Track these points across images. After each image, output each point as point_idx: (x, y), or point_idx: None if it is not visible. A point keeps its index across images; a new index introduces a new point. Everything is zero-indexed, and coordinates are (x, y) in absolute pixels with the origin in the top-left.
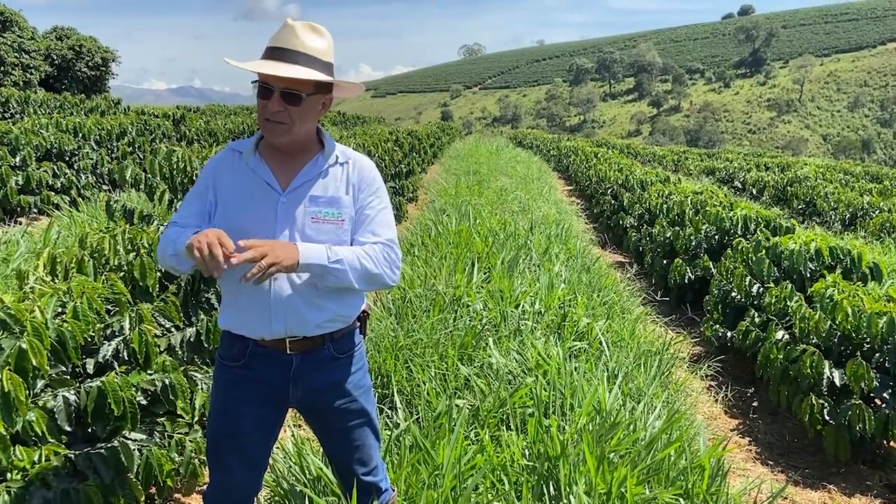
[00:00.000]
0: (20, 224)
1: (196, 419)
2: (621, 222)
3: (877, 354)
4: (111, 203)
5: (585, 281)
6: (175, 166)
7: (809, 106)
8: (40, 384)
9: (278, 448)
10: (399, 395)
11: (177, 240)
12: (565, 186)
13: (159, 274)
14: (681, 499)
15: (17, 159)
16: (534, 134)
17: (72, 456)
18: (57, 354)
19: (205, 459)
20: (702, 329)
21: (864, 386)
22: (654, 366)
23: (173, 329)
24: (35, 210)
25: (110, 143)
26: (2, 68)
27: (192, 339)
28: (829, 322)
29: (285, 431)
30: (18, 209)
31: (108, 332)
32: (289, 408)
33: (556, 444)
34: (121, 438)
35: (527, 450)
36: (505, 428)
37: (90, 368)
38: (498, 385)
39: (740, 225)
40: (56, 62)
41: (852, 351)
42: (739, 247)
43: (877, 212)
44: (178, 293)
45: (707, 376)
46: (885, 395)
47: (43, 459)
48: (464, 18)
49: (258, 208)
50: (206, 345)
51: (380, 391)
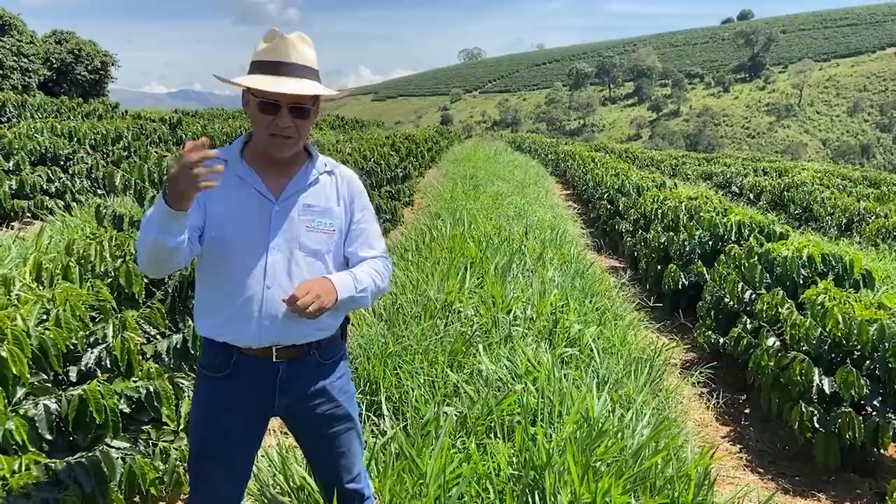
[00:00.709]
0: (13, 229)
1: (181, 427)
2: (617, 227)
3: (867, 362)
4: (101, 209)
5: (579, 286)
6: (165, 171)
7: (809, 110)
8: (21, 392)
9: (263, 456)
10: (387, 403)
11: (149, 223)
12: (563, 191)
13: (146, 280)
14: None
15: (11, 164)
16: (532, 138)
17: (52, 465)
18: (38, 362)
19: None
20: (695, 335)
21: (855, 394)
22: (645, 372)
23: (159, 336)
24: (29, 215)
25: (106, 148)
26: (0, 72)
27: (179, 346)
28: (820, 329)
29: (273, 439)
30: (12, 214)
31: (92, 340)
32: (272, 416)
33: (542, 453)
34: (102, 447)
35: (514, 458)
36: (493, 436)
37: (73, 376)
38: (487, 392)
39: (734, 231)
40: (55, 66)
41: (843, 358)
42: (732, 253)
43: (873, 217)
44: (165, 300)
45: (699, 383)
46: (875, 403)
47: (23, 469)
48: (464, 22)
49: (252, 217)
50: (193, 351)
51: (368, 398)
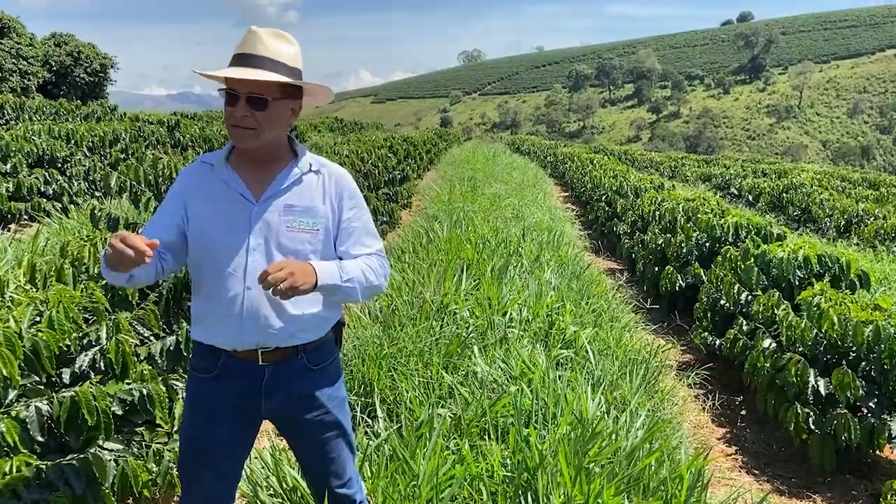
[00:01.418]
0: (10, 231)
1: (175, 428)
2: (615, 229)
3: (863, 363)
4: (96, 211)
5: (575, 288)
6: (161, 174)
7: (809, 112)
8: (12, 394)
9: (256, 458)
10: (382, 405)
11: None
12: (561, 193)
13: None
14: None
15: (8, 166)
16: (532, 140)
17: (43, 467)
18: (31, 364)
19: None
20: (691, 337)
21: (850, 395)
22: (641, 374)
23: (152, 338)
24: (26, 217)
25: (103, 150)
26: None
27: (173, 348)
28: (816, 330)
29: (266, 440)
30: (9, 216)
31: (85, 342)
32: (263, 419)
33: (535, 455)
34: (94, 449)
35: (507, 460)
36: (487, 438)
37: (66, 378)
38: (481, 394)
39: (731, 232)
40: (54, 68)
41: (838, 360)
42: (728, 254)
43: (871, 219)
44: (159, 301)
45: (695, 384)
46: (871, 405)
47: (14, 470)
48: (463, 25)
49: (231, 219)
50: (187, 353)
51: (363, 400)
